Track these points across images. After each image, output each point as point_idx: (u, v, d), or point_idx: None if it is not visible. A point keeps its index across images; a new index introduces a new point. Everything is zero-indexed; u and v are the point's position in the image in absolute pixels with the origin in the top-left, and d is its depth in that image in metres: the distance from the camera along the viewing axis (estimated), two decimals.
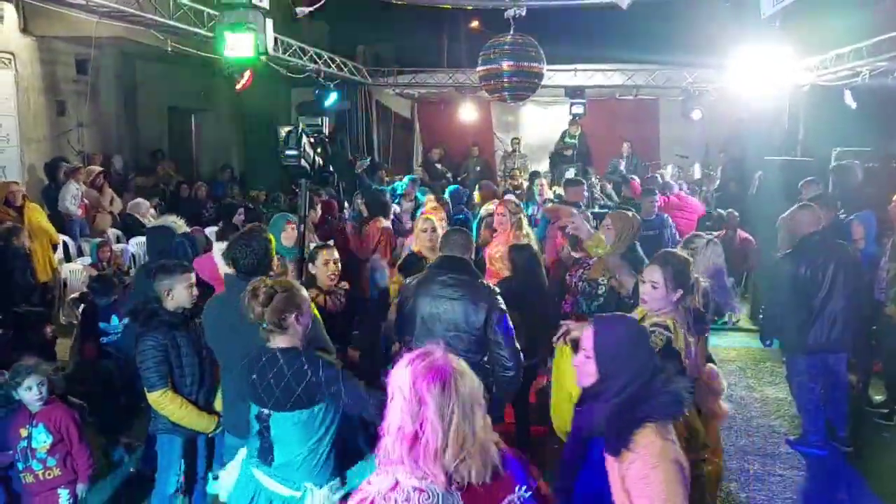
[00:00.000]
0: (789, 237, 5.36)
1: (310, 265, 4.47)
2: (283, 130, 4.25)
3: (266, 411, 2.89)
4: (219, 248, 5.05)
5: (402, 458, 1.84)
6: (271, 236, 3.68)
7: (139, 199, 9.34)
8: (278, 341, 2.93)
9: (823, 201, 6.16)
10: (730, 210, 9.33)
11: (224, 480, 3.19)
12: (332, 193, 8.40)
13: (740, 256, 8.65)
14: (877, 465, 5.11)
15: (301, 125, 4.30)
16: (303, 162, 4.10)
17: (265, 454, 2.93)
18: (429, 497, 1.83)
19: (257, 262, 3.44)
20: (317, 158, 4.17)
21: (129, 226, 9.05)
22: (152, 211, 9.36)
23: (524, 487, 1.96)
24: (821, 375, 5.21)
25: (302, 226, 4.36)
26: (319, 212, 6.87)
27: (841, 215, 6.55)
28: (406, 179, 9.43)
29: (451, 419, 1.85)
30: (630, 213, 5.05)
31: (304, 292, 3.02)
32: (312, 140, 4.19)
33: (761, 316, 6.34)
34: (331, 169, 4.49)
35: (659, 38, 11.98)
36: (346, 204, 8.63)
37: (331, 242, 4.72)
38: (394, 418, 1.89)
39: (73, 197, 8.73)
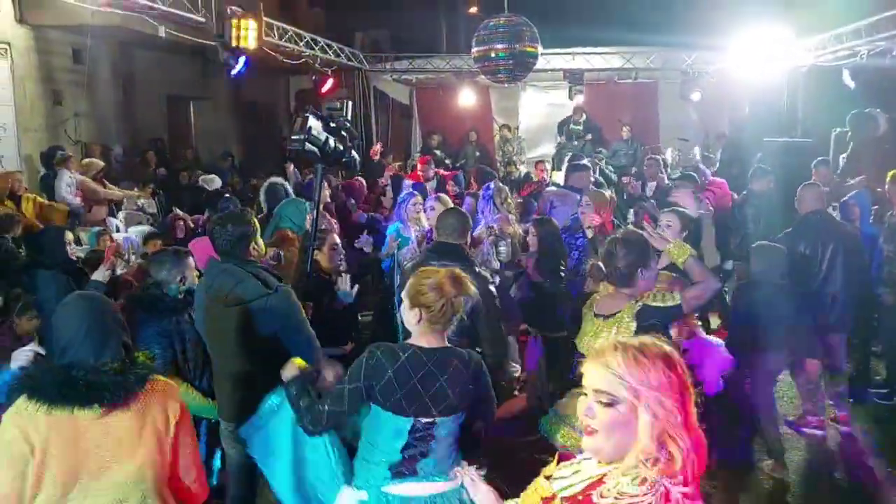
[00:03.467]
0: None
1: (316, 251, 4.50)
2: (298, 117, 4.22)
3: (428, 420, 2.63)
4: None
5: None
6: (255, 221, 3.63)
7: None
8: (439, 340, 2.72)
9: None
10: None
11: None
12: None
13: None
14: (876, 446, 5.13)
15: (316, 111, 4.25)
16: (308, 146, 4.07)
17: (413, 463, 2.66)
18: None
19: (231, 246, 3.42)
20: (331, 142, 4.14)
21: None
22: (144, 200, 9.41)
23: None
24: (820, 356, 5.21)
25: (314, 211, 4.35)
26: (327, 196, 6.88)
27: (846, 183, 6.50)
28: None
29: None
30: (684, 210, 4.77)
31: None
32: (334, 125, 4.16)
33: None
34: (353, 154, 4.47)
35: (657, 19, 11.94)
36: None
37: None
38: None
39: (67, 185, 8.72)
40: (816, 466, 4.99)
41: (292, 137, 4.14)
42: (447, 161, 13.86)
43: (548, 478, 1.84)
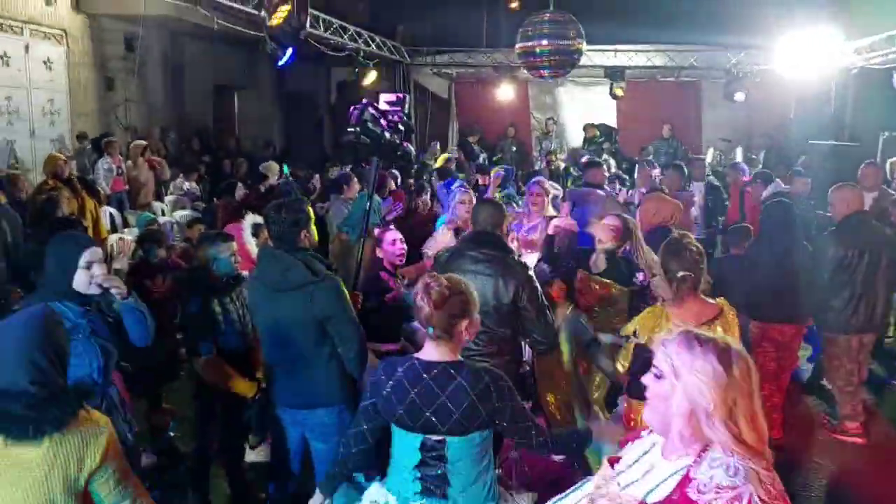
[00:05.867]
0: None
1: (377, 248, 4.58)
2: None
3: (436, 438, 2.48)
4: (250, 220, 5.22)
5: None
6: (308, 209, 3.71)
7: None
8: (443, 353, 2.51)
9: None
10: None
11: None
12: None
13: None
14: None
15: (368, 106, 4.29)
16: (363, 138, 4.12)
17: (439, 486, 2.52)
18: None
19: (283, 232, 3.50)
20: (387, 134, 4.18)
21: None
22: (189, 185, 9.64)
23: None
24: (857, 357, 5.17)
25: (368, 203, 4.41)
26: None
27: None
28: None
29: None
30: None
31: (474, 295, 2.60)
32: (391, 119, 4.20)
33: None
34: (409, 148, 4.49)
35: (702, 18, 11.76)
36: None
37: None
38: None
39: (105, 171, 8.98)
40: (856, 475, 4.88)
41: (347, 129, 4.19)
42: (483, 155, 13.91)
43: (612, 464, 1.94)
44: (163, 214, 8.97)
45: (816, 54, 10.60)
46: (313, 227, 3.67)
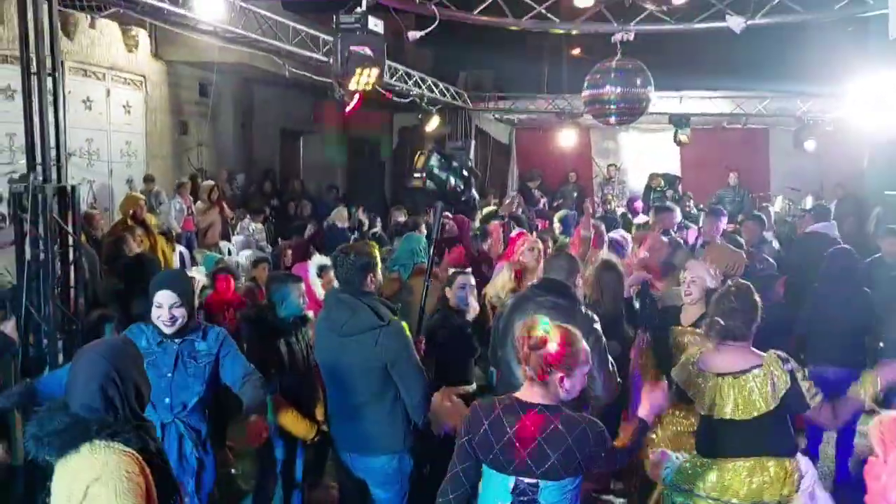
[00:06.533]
0: None
1: (447, 289, 4.59)
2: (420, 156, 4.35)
3: (531, 481, 2.43)
4: (315, 261, 5.27)
5: None
6: (376, 253, 3.71)
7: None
8: (541, 394, 2.48)
9: None
10: None
11: None
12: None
13: None
14: None
15: (435, 152, 4.35)
16: (428, 184, 4.16)
17: None
18: None
19: (350, 276, 3.49)
20: (452, 180, 4.22)
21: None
22: (256, 226, 9.85)
23: None
24: None
25: (431, 248, 4.45)
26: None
27: None
28: None
29: None
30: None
31: (585, 350, 2.55)
32: (456, 164, 4.25)
33: None
34: (473, 194, 4.54)
35: (771, 65, 11.59)
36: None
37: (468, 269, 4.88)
38: None
39: (177, 212, 9.29)
40: None
41: (413, 175, 4.24)
42: (543, 200, 13.85)
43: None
44: (229, 254, 9.16)
45: (890, 101, 10.26)
46: (379, 272, 3.68)
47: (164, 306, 3.18)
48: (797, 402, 3.02)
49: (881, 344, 5.04)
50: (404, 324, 3.52)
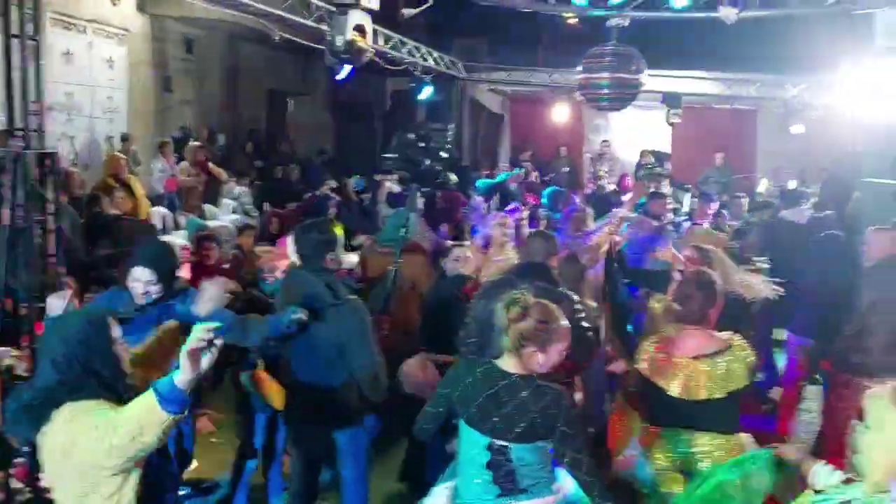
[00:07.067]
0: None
1: (442, 260, 4.68)
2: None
3: (501, 443, 2.60)
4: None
5: None
6: (340, 230, 3.69)
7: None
8: (517, 365, 2.61)
9: None
10: None
11: None
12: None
13: None
14: None
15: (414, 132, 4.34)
16: (401, 164, 4.16)
17: (509, 483, 2.62)
18: None
19: (309, 252, 3.49)
20: (427, 162, 4.22)
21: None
22: (241, 189, 9.71)
23: None
24: None
25: (404, 227, 4.46)
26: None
27: None
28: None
29: None
30: None
31: (562, 327, 2.65)
32: (434, 145, 4.24)
33: None
34: (450, 176, 4.56)
35: (762, 53, 11.58)
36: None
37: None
38: None
39: (159, 172, 9.11)
40: None
41: (384, 155, 4.24)
42: (535, 173, 13.78)
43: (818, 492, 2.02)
44: (215, 218, 9.05)
45: (883, 90, 10.21)
46: (340, 250, 3.65)
47: (140, 281, 3.17)
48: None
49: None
50: (362, 303, 3.56)
